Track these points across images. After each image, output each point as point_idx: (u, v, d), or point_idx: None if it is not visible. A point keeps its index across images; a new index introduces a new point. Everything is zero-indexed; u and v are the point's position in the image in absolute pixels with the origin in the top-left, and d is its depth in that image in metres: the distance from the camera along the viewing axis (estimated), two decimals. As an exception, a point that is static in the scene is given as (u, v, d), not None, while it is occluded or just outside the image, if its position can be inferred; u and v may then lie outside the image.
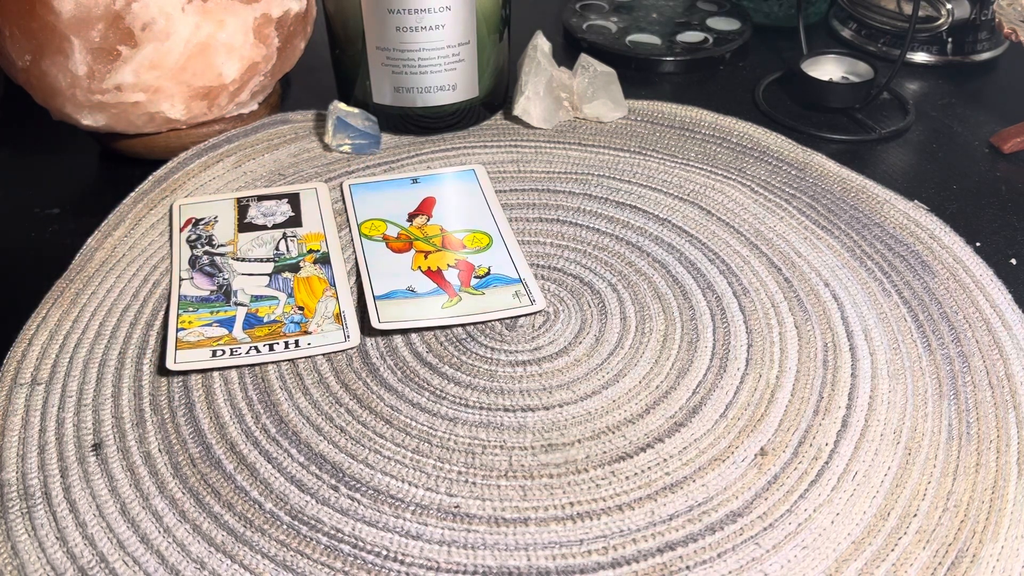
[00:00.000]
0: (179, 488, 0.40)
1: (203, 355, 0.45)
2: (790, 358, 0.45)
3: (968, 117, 0.66)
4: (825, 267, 0.51)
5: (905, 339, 0.46)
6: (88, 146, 0.63)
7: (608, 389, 0.44)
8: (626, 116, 0.65)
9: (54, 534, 0.38)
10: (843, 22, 0.77)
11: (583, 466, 0.40)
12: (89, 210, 0.56)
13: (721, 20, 0.77)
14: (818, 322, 0.47)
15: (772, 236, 0.53)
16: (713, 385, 0.44)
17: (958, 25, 0.70)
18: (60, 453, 0.41)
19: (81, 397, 0.44)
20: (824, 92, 0.65)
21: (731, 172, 0.59)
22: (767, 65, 0.72)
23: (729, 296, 0.49)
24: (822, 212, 0.55)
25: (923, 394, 0.44)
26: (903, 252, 0.52)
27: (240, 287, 0.49)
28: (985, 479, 0.40)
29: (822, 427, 0.42)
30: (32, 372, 0.45)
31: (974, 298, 0.49)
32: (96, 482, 0.40)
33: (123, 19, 0.53)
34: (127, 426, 0.42)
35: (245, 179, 0.59)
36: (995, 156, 0.62)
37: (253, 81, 0.60)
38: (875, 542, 0.37)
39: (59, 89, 0.55)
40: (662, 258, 0.52)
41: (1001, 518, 0.38)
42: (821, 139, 0.63)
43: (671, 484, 0.39)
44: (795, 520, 0.38)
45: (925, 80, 0.71)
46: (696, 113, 0.65)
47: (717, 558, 0.37)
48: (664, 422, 0.42)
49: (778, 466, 0.40)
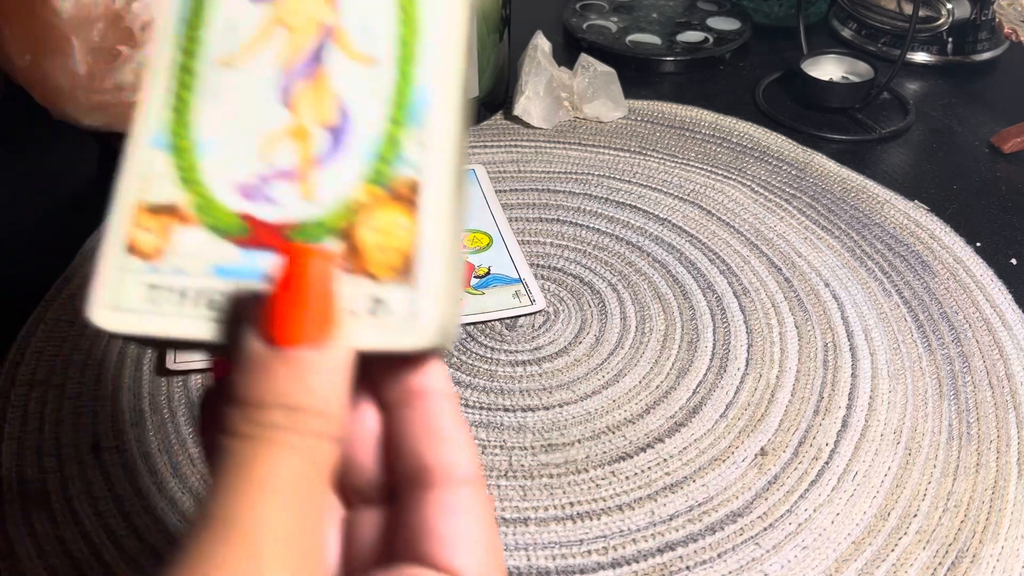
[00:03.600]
0: (178, 488, 0.40)
1: (201, 355, 0.45)
2: (790, 358, 0.45)
3: (968, 117, 0.66)
4: (825, 267, 0.51)
5: (905, 339, 0.46)
6: (88, 146, 0.63)
7: (608, 389, 0.44)
8: (626, 116, 0.65)
9: (52, 534, 0.38)
10: (843, 22, 0.77)
11: (583, 466, 0.40)
12: (89, 209, 0.56)
13: (721, 20, 0.77)
14: (818, 322, 0.47)
15: (772, 236, 0.53)
16: (713, 385, 0.44)
17: (958, 25, 0.70)
18: (58, 453, 0.41)
19: (80, 396, 0.44)
20: (824, 92, 0.65)
21: (731, 172, 0.59)
22: (767, 65, 0.72)
23: (729, 296, 0.49)
24: (822, 212, 0.55)
25: (923, 394, 0.44)
26: (903, 252, 0.52)
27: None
28: (985, 479, 0.40)
29: (822, 427, 0.42)
30: (31, 372, 0.45)
31: (974, 298, 0.49)
32: (95, 482, 0.40)
33: (123, 18, 0.53)
34: (126, 426, 0.42)
35: (245, 179, 0.59)
36: (995, 156, 0.62)
37: (253, 81, 0.60)
38: (875, 542, 0.37)
39: (59, 89, 0.55)
40: (662, 258, 0.52)
41: (1001, 518, 0.38)
42: (821, 139, 0.63)
43: (671, 484, 0.39)
44: (795, 520, 0.38)
45: (925, 80, 0.71)
46: (696, 113, 0.65)
47: (717, 558, 0.37)
48: (664, 422, 0.42)
49: (778, 466, 0.40)
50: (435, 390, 0.23)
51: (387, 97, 0.24)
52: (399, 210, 0.23)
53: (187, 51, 0.24)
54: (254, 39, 0.24)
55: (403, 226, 0.22)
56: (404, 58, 0.24)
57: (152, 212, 0.23)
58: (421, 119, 0.23)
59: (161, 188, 0.23)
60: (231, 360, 0.21)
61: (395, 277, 0.22)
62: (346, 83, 0.24)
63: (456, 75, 0.24)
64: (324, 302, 0.20)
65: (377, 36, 0.24)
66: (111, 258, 0.23)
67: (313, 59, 0.24)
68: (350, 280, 0.22)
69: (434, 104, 0.24)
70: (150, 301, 0.23)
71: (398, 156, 0.23)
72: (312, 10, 0.24)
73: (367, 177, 0.23)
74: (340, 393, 0.20)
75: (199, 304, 0.22)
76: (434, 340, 0.22)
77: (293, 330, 0.20)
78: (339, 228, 0.23)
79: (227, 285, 0.22)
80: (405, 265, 0.22)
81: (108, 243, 0.23)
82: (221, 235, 0.23)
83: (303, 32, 0.24)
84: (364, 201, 0.23)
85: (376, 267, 0.22)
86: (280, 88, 0.24)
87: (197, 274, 0.23)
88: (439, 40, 0.24)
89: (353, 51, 0.24)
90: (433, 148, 0.23)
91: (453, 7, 0.24)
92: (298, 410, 0.19)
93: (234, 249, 0.23)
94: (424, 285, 0.22)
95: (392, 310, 0.22)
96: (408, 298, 0.22)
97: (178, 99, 0.24)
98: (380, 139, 0.23)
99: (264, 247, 0.23)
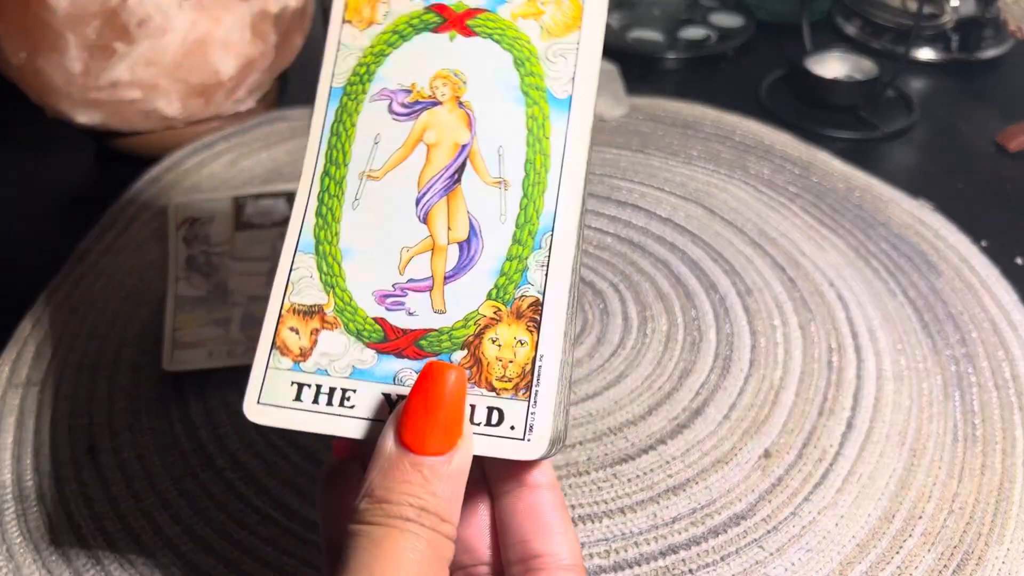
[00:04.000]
0: (173, 489, 0.39)
1: (199, 355, 0.44)
2: (794, 359, 0.45)
3: (973, 115, 0.65)
4: (830, 266, 0.50)
5: (910, 340, 0.46)
6: (83, 144, 0.63)
7: (610, 390, 0.44)
8: (628, 114, 0.64)
9: (50, 536, 0.37)
10: (847, 19, 0.76)
11: (584, 468, 0.40)
12: (85, 209, 0.56)
13: (724, 16, 0.77)
14: (823, 322, 0.47)
15: (776, 235, 0.53)
16: (716, 386, 0.44)
17: (963, 22, 0.70)
18: (56, 455, 0.41)
19: (77, 398, 0.43)
20: (828, 90, 0.65)
21: (734, 170, 0.58)
22: (770, 62, 0.72)
23: (733, 296, 0.49)
24: (826, 211, 0.55)
25: (928, 395, 0.43)
26: (908, 251, 0.52)
27: (237, 287, 0.49)
28: (991, 481, 0.39)
29: (827, 429, 0.41)
30: (27, 373, 0.45)
31: (980, 298, 0.48)
32: (90, 484, 0.39)
33: (119, 15, 0.53)
34: (122, 427, 0.42)
35: (242, 177, 0.58)
36: (1001, 154, 0.61)
37: (250, 78, 0.60)
38: (880, 545, 0.37)
39: (54, 86, 0.55)
40: (664, 257, 0.51)
41: (1007, 520, 0.38)
42: (825, 137, 0.62)
43: (674, 486, 0.39)
44: (799, 523, 0.37)
45: (930, 78, 0.70)
46: (699, 111, 0.64)
47: (720, 561, 0.36)
48: (667, 424, 0.42)
49: (782, 468, 0.40)
50: (540, 483, 0.26)
51: (514, 219, 0.26)
52: (520, 327, 0.25)
53: (336, 162, 0.27)
54: (398, 155, 0.27)
55: (523, 343, 0.25)
56: (532, 183, 0.26)
57: (298, 313, 0.26)
58: (544, 242, 0.26)
59: (307, 291, 0.26)
60: (366, 454, 0.23)
61: (513, 392, 0.24)
62: (478, 203, 0.26)
63: (577, 200, 0.26)
64: (455, 416, 0.23)
65: (508, 160, 0.26)
66: (263, 356, 0.26)
67: (450, 178, 0.26)
68: (472, 391, 0.24)
69: (557, 228, 0.26)
70: (296, 398, 0.25)
71: (522, 275, 0.25)
72: (452, 131, 0.27)
73: (492, 294, 0.25)
74: (458, 496, 0.23)
75: (339, 403, 0.25)
76: (546, 452, 0.24)
77: (425, 440, 0.22)
78: (464, 340, 0.25)
79: (363, 387, 0.25)
80: (523, 380, 0.24)
81: (261, 341, 0.26)
82: (359, 339, 0.26)
83: (442, 151, 0.27)
84: (489, 316, 0.25)
85: (497, 380, 0.25)
86: (418, 203, 0.26)
87: (337, 375, 0.25)
88: (564, 167, 0.26)
89: (486, 173, 0.26)
90: (554, 269, 0.25)
91: (578, 136, 0.26)
92: (424, 510, 0.22)
93: (370, 353, 0.25)
94: (540, 402, 0.24)
95: (509, 422, 0.24)
96: (524, 413, 0.24)
97: (326, 207, 0.27)
98: (506, 258, 0.26)
99: (397, 353, 0.25)
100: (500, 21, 0.27)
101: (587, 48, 0.27)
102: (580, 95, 0.26)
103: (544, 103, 0.26)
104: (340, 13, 0.28)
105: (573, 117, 0.26)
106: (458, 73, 0.27)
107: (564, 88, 0.26)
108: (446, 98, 0.27)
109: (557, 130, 0.26)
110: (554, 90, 0.26)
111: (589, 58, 0.27)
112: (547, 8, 0.27)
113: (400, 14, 0.28)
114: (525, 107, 0.26)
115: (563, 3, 0.27)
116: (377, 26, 0.28)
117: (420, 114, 0.27)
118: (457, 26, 0.27)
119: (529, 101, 0.26)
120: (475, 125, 0.26)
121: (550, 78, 0.26)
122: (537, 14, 0.27)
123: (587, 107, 0.26)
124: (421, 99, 0.27)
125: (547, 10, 0.27)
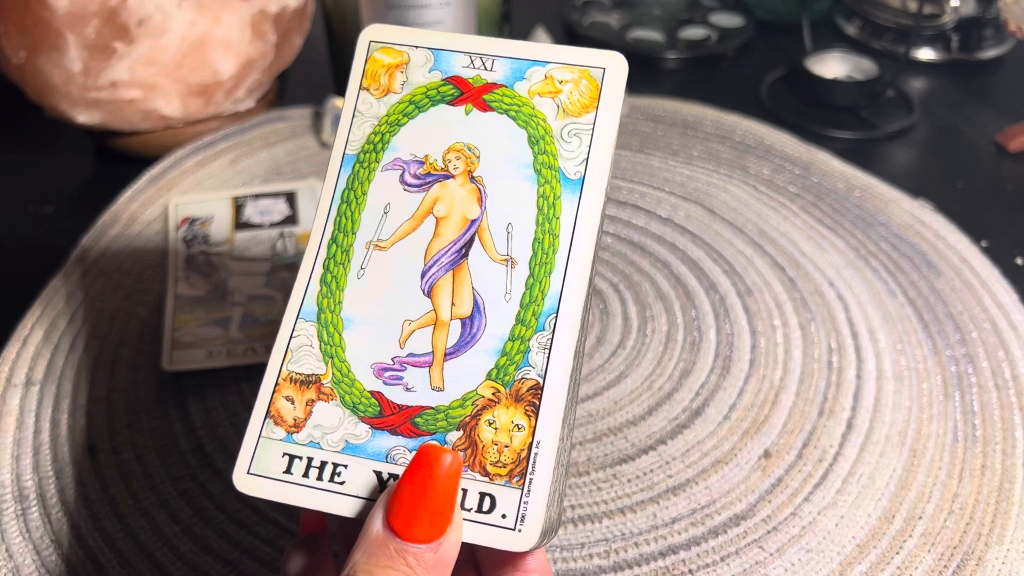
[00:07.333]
0: (172, 489, 0.39)
1: (198, 355, 0.44)
2: (794, 359, 0.45)
3: (974, 115, 0.65)
4: (830, 266, 0.50)
5: (911, 340, 0.46)
6: (83, 144, 0.63)
7: (610, 390, 0.44)
8: (628, 114, 0.64)
9: (49, 536, 0.37)
10: (847, 19, 0.76)
11: (584, 469, 0.40)
12: (84, 208, 0.56)
13: (724, 16, 0.77)
14: (823, 322, 0.47)
15: (776, 235, 0.53)
16: (716, 386, 0.44)
17: (964, 22, 0.70)
18: (55, 455, 0.41)
19: (76, 398, 0.43)
20: (828, 89, 0.65)
21: (734, 170, 0.58)
22: (771, 62, 0.72)
23: (733, 296, 0.49)
24: (826, 211, 0.55)
25: (928, 396, 0.43)
26: (908, 251, 0.52)
27: (236, 287, 0.49)
28: (991, 481, 0.39)
29: (827, 429, 0.41)
30: (27, 372, 0.45)
31: (980, 298, 0.48)
32: (89, 484, 0.39)
33: (118, 15, 0.53)
34: (122, 427, 0.42)
35: (241, 177, 0.58)
36: (1001, 154, 0.61)
37: (250, 78, 0.59)
38: (880, 545, 0.37)
39: (54, 86, 0.54)
40: (664, 257, 0.51)
41: (1007, 521, 0.37)
42: (825, 137, 0.62)
43: (674, 487, 0.39)
44: (799, 523, 0.37)
45: (930, 78, 0.70)
46: (699, 110, 0.64)
47: (720, 561, 0.36)
48: (667, 424, 0.42)
49: (782, 468, 0.40)
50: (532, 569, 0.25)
51: (519, 298, 0.25)
52: (518, 411, 0.24)
53: (344, 229, 0.27)
54: (406, 226, 0.26)
55: (521, 427, 0.24)
56: (539, 262, 0.26)
57: (295, 382, 0.25)
58: (548, 324, 0.25)
59: (305, 359, 0.25)
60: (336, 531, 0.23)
61: (507, 478, 0.24)
62: (483, 279, 0.26)
63: (584, 284, 0.25)
64: (446, 503, 0.22)
65: (517, 237, 0.26)
66: (256, 424, 0.25)
67: (457, 252, 0.26)
68: (465, 474, 0.24)
69: (562, 311, 0.25)
70: (286, 470, 0.25)
71: (523, 357, 0.25)
72: (462, 205, 0.26)
73: (492, 373, 0.25)
74: None
75: (329, 478, 0.24)
76: (536, 543, 0.23)
77: (414, 528, 0.22)
78: (461, 420, 0.24)
79: (355, 463, 0.24)
80: (518, 467, 0.24)
81: (256, 408, 0.25)
82: (354, 412, 0.25)
83: (452, 225, 0.26)
84: (487, 397, 0.24)
85: (491, 465, 0.24)
86: (424, 276, 0.26)
87: (329, 448, 0.25)
88: (573, 249, 0.26)
89: (493, 249, 0.26)
90: (556, 353, 0.25)
91: (588, 218, 0.26)
92: None
93: (364, 427, 0.25)
94: (534, 491, 0.23)
95: (501, 510, 0.23)
96: (517, 501, 0.23)
97: (331, 274, 0.26)
98: (508, 338, 0.25)
99: (392, 430, 0.25)
100: (517, 98, 0.27)
101: (602, 130, 0.26)
102: (592, 177, 0.26)
103: (556, 182, 0.26)
104: (358, 80, 0.28)
105: (584, 198, 0.26)
106: (472, 147, 0.27)
107: (577, 169, 0.26)
108: (458, 172, 0.27)
109: (567, 211, 0.26)
110: (567, 170, 0.26)
111: (604, 140, 0.26)
112: (565, 87, 0.27)
113: (418, 84, 0.27)
114: (537, 185, 0.26)
115: (581, 83, 0.27)
116: (394, 95, 0.28)
117: (431, 186, 0.26)
118: (474, 100, 0.27)
119: (541, 180, 0.26)
120: (486, 200, 0.26)
121: (563, 158, 0.26)
122: (555, 92, 0.27)
123: (599, 189, 0.26)
124: (433, 171, 0.27)
125: (565, 89, 0.27)
